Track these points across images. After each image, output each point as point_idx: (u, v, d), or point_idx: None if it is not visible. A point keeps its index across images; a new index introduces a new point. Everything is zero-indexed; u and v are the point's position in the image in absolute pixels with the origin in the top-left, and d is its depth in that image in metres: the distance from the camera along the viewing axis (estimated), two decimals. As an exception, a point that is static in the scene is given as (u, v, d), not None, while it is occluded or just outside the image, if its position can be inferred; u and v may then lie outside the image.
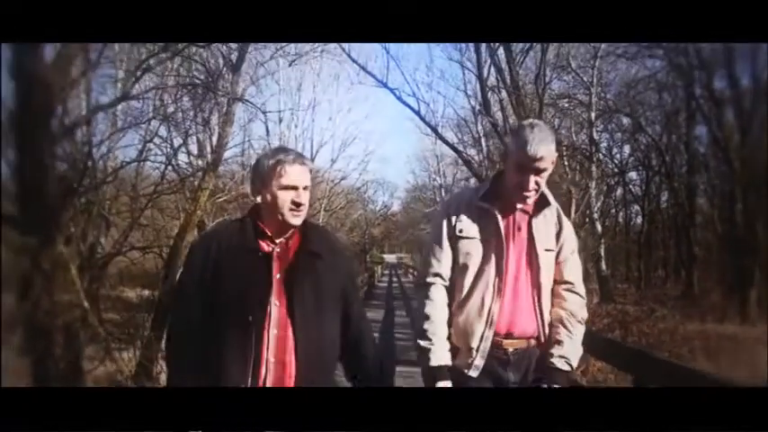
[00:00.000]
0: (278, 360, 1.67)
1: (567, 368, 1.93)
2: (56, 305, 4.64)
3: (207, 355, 1.66)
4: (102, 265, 6.69)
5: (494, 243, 1.93)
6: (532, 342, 1.95)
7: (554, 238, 1.99)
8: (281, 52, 9.81)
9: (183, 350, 1.72)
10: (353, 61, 11.47)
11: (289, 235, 1.77)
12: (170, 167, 8.46)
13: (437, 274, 1.97)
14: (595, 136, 18.20)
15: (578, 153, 18.95)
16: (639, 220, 22.85)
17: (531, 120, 2.10)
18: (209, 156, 8.82)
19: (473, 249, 1.94)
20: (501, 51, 10.44)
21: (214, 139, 8.74)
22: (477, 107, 12.69)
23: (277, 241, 1.76)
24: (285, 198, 1.72)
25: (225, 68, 7.63)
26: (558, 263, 2.00)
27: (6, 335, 4.41)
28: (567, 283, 2.01)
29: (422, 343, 1.91)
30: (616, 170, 21.85)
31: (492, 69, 10.84)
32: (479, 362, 1.91)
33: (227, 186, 9.26)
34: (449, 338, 1.93)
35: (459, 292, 1.95)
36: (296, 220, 1.74)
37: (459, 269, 1.96)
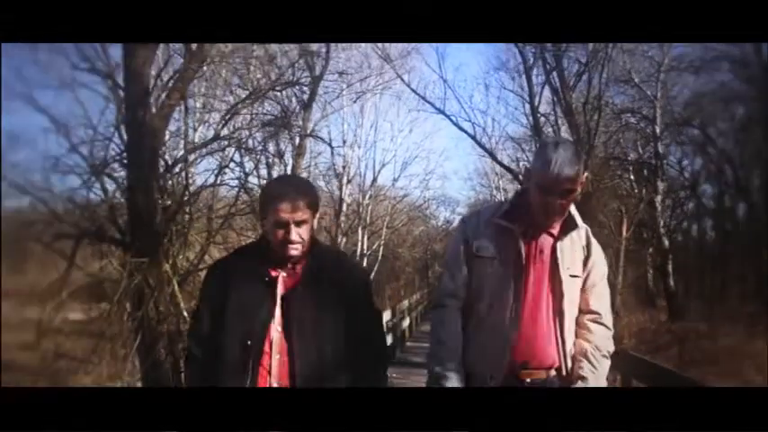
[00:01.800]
0: (281, 385, 1.66)
1: None
2: (161, 315, 5.56)
3: (214, 380, 1.69)
4: (183, 280, 7.57)
5: (513, 265, 1.81)
6: (552, 373, 1.84)
7: (581, 264, 1.86)
8: (346, 90, 10.66)
9: (196, 375, 1.74)
10: (413, 91, 12.17)
11: (296, 259, 1.73)
12: (242, 190, 9.32)
13: (453, 296, 1.87)
14: (661, 150, 17.80)
15: (644, 167, 18.61)
16: (714, 234, 21.99)
17: (556, 138, 2.11)
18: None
19: (491, 270, 1.82)
20: (555, 75, 10.82)
21: (288, 169, 9.67)
22: (530, 131, 13.05)
23: (285, 265, 1.73)
24: (278, 234, 1.67)
25: (298, 107, 8.55)
26: (584, 290, 1.87)
27: (126, 342, 5.36)
28: (593, 313, 1.88)
29: (436, 369, 1.83)
30: (687, 183, 21.17)
31: (546, 91, 11.21)
32: None
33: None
34: (463, 364, 1.84)
35: (475, 315, 1.85)
36: (292, 253, 1.69)
37: (475, 291, 1.85)
